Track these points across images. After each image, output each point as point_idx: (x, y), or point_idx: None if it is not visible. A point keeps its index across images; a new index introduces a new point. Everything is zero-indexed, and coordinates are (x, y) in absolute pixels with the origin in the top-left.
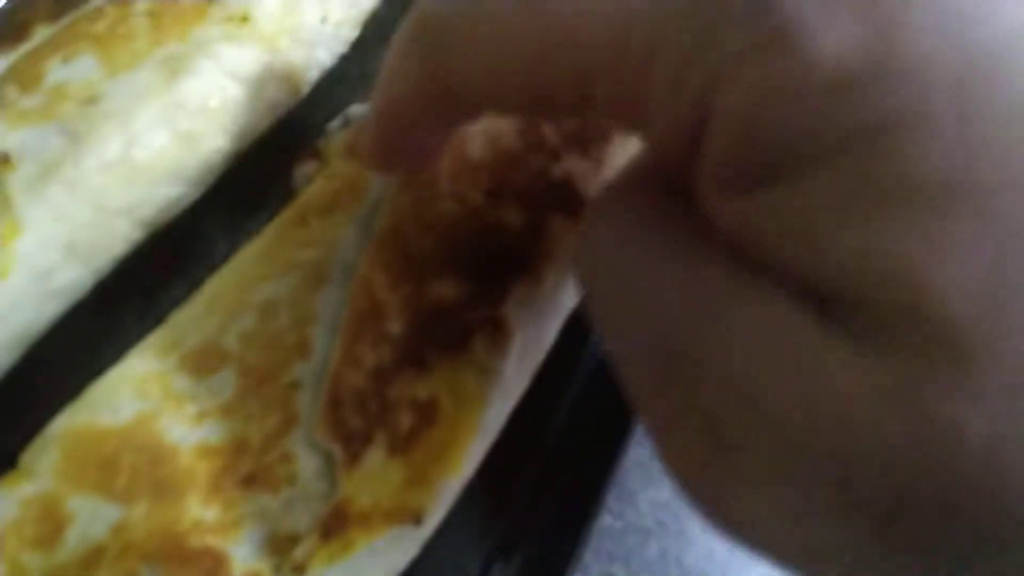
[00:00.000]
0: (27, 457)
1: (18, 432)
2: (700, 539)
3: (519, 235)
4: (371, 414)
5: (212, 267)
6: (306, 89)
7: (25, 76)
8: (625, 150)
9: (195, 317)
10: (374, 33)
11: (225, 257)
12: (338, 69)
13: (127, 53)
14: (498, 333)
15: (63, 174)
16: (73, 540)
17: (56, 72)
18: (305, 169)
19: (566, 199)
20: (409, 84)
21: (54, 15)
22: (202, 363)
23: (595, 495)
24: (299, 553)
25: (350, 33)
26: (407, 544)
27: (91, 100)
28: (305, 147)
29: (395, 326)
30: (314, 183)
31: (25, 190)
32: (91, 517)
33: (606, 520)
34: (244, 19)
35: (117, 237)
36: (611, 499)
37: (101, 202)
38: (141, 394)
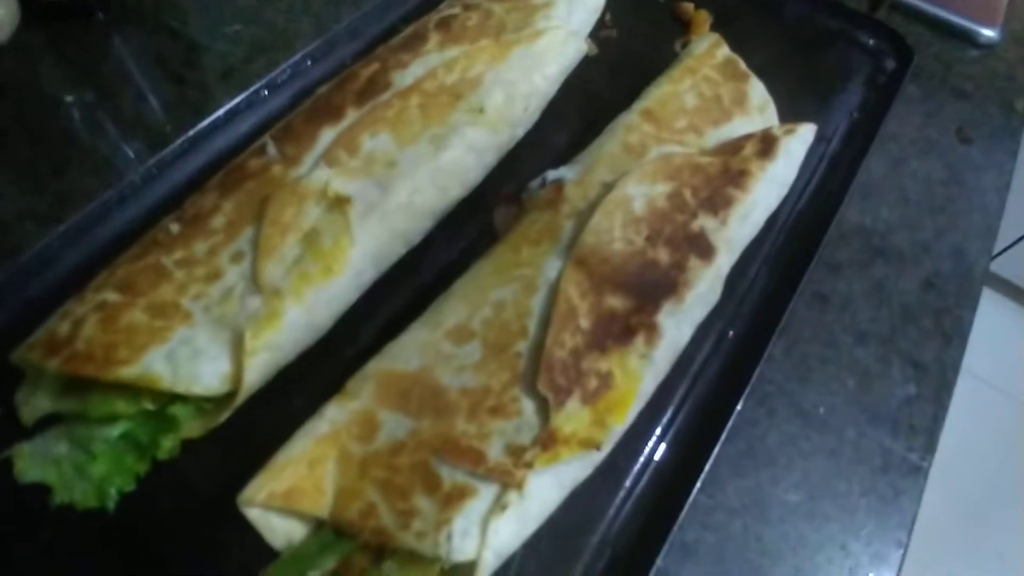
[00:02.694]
0: (351, 385)
1: (335, 369)
2: (777, 522)
3: (668, 268)
4: (571, 378)
5: (439, 273)
6: (507, 156)
7: (349, 145)
8: (746, 213)
9: (450, 307)
10: (550, 115)
11: (444, 268)
12: (525, 141)
13: (409, 133)
14: (653, 333)
15: (377, 211)
16: (383, 437)
17: (367, 144)
18: (503, 212)
19: (700, 245)
20: None
21: (359, 101)
22: (458, 337)
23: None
24: (528, 456)
25: (536, 116)
26: (587, 463)
27: (390, 164)
28: (502, 196)
29: (585, 323)
30: (522, 222)
31: (357, 220)
32: (395, 425)
33: (700, 498)
34: (480, 111)
35: (394, 253)
36: (705, 483)
37: (394, 230)
38: (422, 353)
